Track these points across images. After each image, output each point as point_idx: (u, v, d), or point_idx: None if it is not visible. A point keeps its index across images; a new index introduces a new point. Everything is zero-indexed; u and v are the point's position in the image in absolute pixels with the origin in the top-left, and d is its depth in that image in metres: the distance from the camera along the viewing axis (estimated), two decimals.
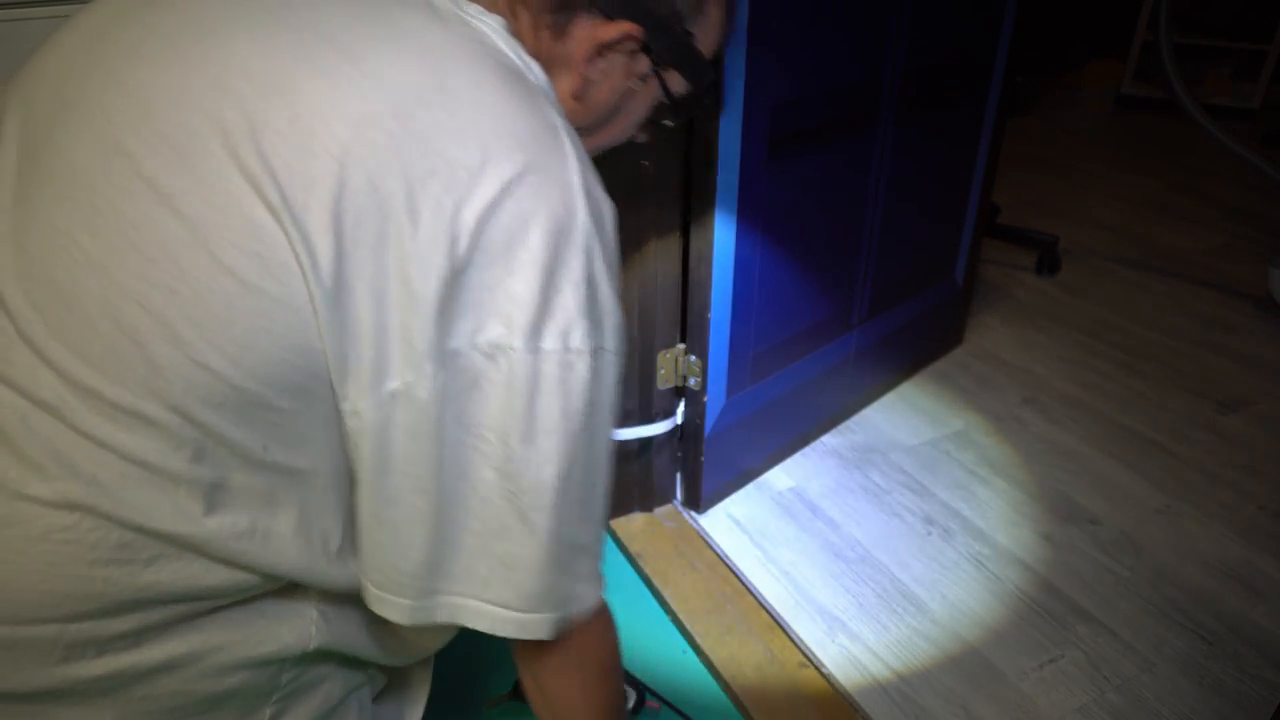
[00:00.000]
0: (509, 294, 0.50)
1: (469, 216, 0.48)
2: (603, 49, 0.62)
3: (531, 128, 0.52)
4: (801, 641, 1.14)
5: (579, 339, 0.52)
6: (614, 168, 0.77)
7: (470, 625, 0.56)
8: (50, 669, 0.49)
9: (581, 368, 0.52)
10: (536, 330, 0.50)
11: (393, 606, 0.55)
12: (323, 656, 0.62)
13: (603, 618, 0.63)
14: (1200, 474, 1.48)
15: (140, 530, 0.49)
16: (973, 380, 1.77)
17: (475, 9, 0.57)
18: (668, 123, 0.72)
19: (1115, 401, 1.69)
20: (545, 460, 0.52)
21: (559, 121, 0.55)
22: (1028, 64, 3.65)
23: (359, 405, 0.50)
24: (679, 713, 1.05)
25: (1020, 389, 1.74)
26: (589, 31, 0.61)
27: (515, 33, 0.59)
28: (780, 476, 1.47)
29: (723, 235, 1.14)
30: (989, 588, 1.24)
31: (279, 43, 0.50)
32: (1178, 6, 3.40)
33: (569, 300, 0.51)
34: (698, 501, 1.37)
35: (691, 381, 1.27)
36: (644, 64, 0.65)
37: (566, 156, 0.53)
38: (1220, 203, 2.78)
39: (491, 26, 0.56)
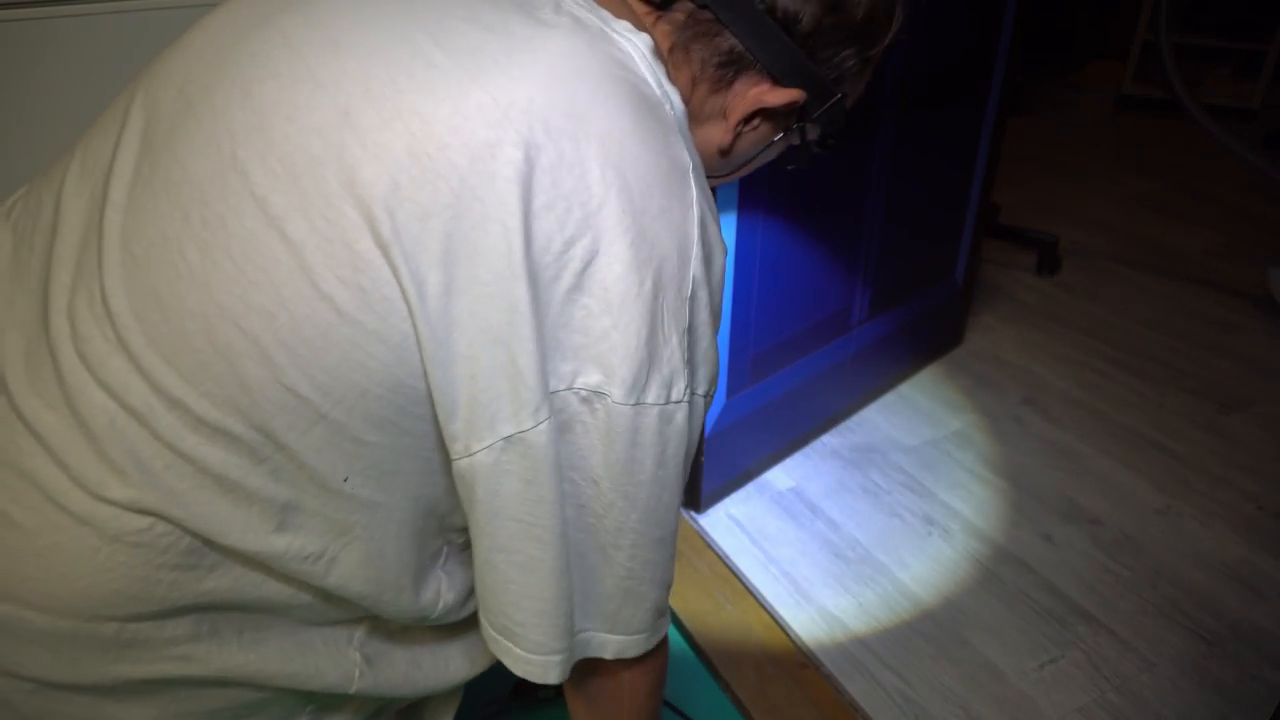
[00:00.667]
0: (612, 343, 0.48)
1: (578, 257, 0.47)
2: (760, 112, 0.59)
3: (660, 169, 0.49)
4: (801, 641, 1.14)
5: (679, 391, 0.51)
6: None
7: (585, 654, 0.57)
8: (106, 665, 0.50)
9: (680, 418, 0.51)
10: (639, 383, 0.49)
11: (506, 652, 0.55)
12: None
13: (660, 655, 0.62)
14: (1200, 474, 1.48)
15: (209, 542, 0.49)
16: (973, 380, 1.77)
17: (623, 26, 0.53)
18: (790, 167, 0.69)
19: (1115, 401, 1.69)
20: (632, 506, 0.52)
21: (689, 162, 0.52)
22: (1028, 64, 3.64)
23: (472, 446, 0.48)
24: (679, 713, 1.05)
25: (1020, 389, 1.74)
26: (753, 92, 0.57)
27: (661, 56, 0.55)
28: (780, 476, 1.47)
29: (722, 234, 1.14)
30: (989, 588, 1.24)
31: (410, 68, 0.48)
32: (1178, 6, 3.40)
33: (675, 353, 0.50)
34: (698, 501, 1.37)
35: None
36: (791, 121, 0.62)
37: (691, 204, 0.50)
38: (1220, 203, 2.78)
39: (636, 47, 0.52)
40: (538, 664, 0.54)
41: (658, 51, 0.54)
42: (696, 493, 1.36)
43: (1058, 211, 2.69)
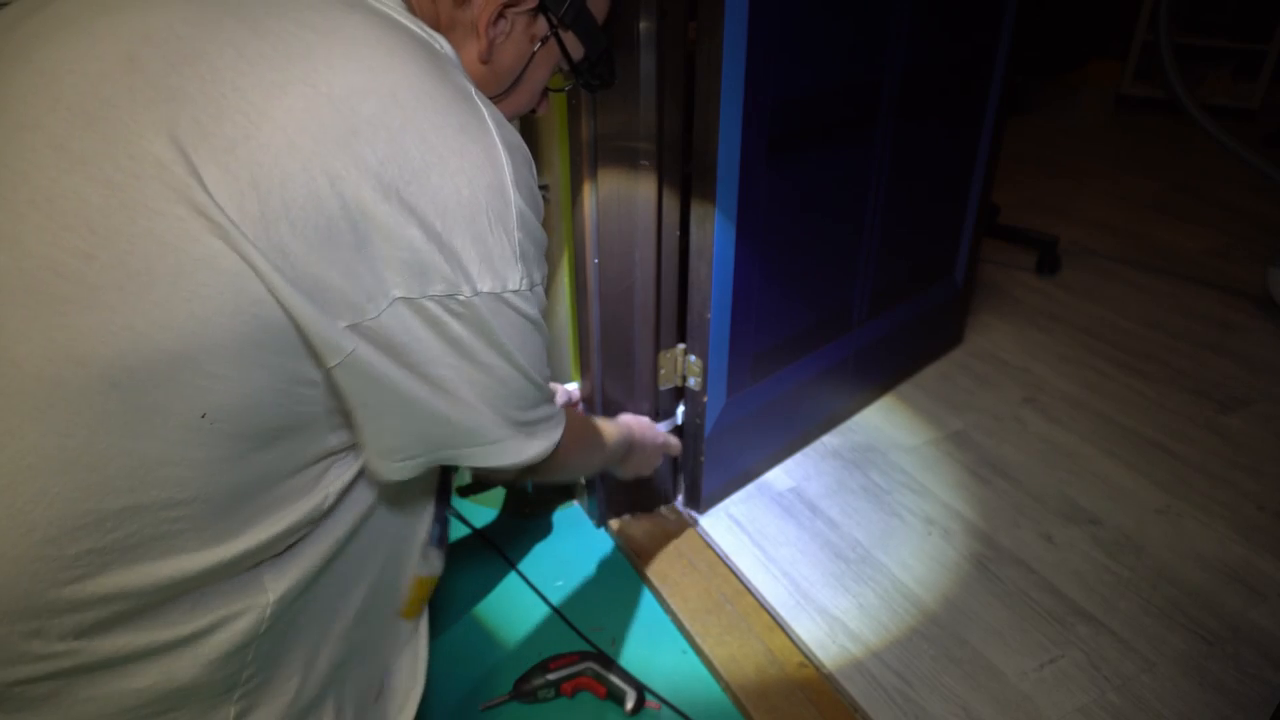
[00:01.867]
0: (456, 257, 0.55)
1: (422, 199, 0.53)
2: (504, 10, 0.65)
3: (454, 106, 0.55)
4: (801, 641, 1.14)
5: (515, 282, 0.58)
6: (613, 167, 0.78)
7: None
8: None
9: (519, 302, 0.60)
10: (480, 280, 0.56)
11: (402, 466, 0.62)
12: (284, 651, 0.62)
13: (569, 435, 0.74)
14: (1200, 474, 1.48)
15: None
16: (973, 380, 1.77)
17: None
18: (564, 89, 0.76)
19: (1115, 401, 1.69)
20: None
21: (470, 88, 0.58)
22: (1028, 64, 3.64)
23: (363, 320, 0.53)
24: (679, 713, 1.05)
25: (1020, 389, 1.74)
26: None
27: (414, 8, 0.62)
28: (780, 476, 1.47)
29: (723, 235, 1.14)
30: (989, 588, 1.24)
31: (185, 14, 0.51)
32: (1178, 6, 3.39)
33: (505, 247, 0.57)
34: (698, 501, 1.37)
35: (691, 382, 1.27)
36: (542, 26, 0.68)
37: (482, 116, 0.57)
38: (1220, 203, 2.78)
39: (392, 7, 0.59)
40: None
41: (411, 7, 0.62)
42: (697, 493, 1.36)
43: (1058, 211, 2.69)
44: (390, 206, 0.51)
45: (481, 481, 1.44)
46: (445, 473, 0.80)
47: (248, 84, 0.49)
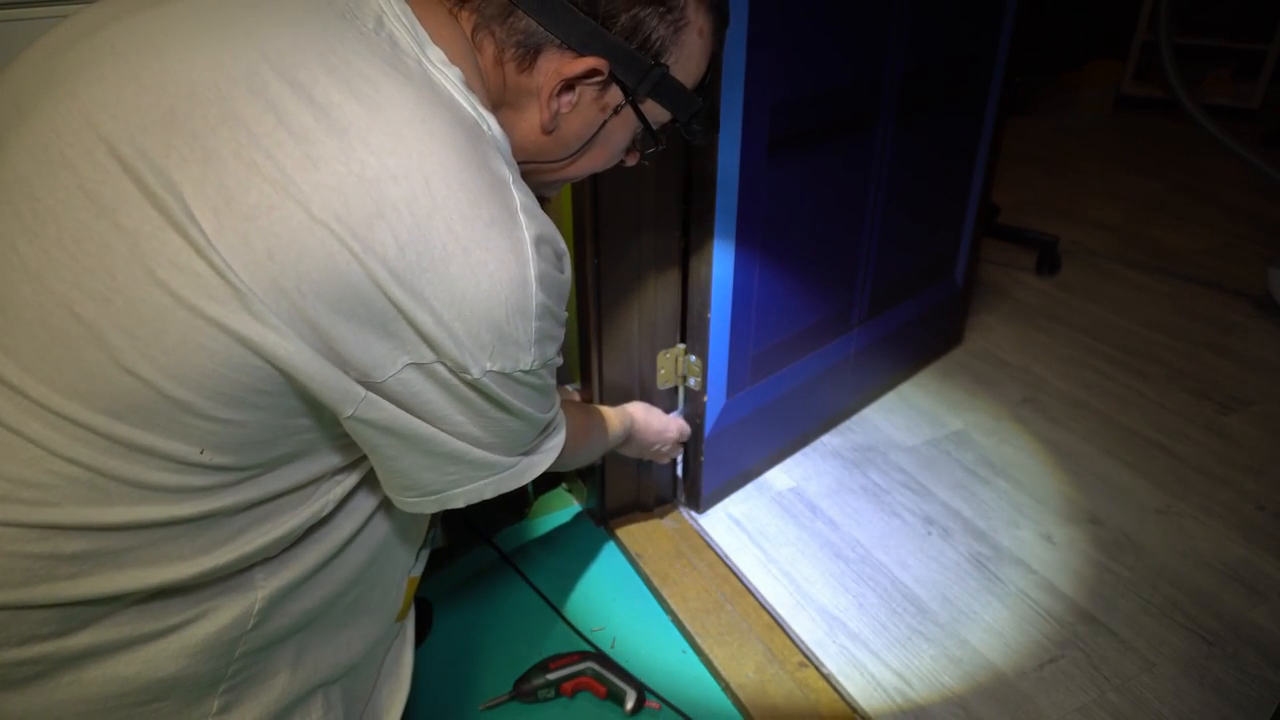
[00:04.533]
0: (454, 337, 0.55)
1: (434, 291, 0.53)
2: (569, 83, 0.62)
3: (486, 198, 0.54)
4: (801, 641, 1.14)
5: (527, 364, 0.58)
6: (613, 167, 0.78)
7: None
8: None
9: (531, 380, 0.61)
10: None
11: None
12: (272, 648, 0.63)
13: (570, 435, 0.76)
14: (1200, 474, 1.48)
15: (61, 527, 0.51)
16: (973, 380, 1.77)
17: (438, 55, 0.57)
18: (656, 149, 0.72)
19: (1115, 401, 1.69)
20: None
21: (508, 176, 0.57)
22: (1028, 64, 3.64)
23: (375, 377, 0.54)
24: (679, 713, 1.05)
25: (1020, 389, 1.74)
26: (555, 66, 0.61)
27: (471, 84, 0.60)
28: (780, 476, 1.47)
29: (723, 235, 1.14)
30: (989, 588, 1.24)
31: (233, 72, 0.51)
32: (1178, 6, 3.39)
33: (521, 337, 0.57)
34: (698, 501, 1.37)
35: (691, 381, 1.27)
36: (617, 96, 0.65)
37: (515, 210, 0.56)
38: (1220, 203, 2.78)
39: (451, 80, 0.57)
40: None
41: (469, 83, 0.59)
42: (697, 493, 1.36)
43: (1058, 211, 2.69)
44: (403, 291, 0.51)
45: None
46: None
47: (282, 154, 0.49)
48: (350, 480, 0.64)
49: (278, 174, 0.49)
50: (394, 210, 0.50)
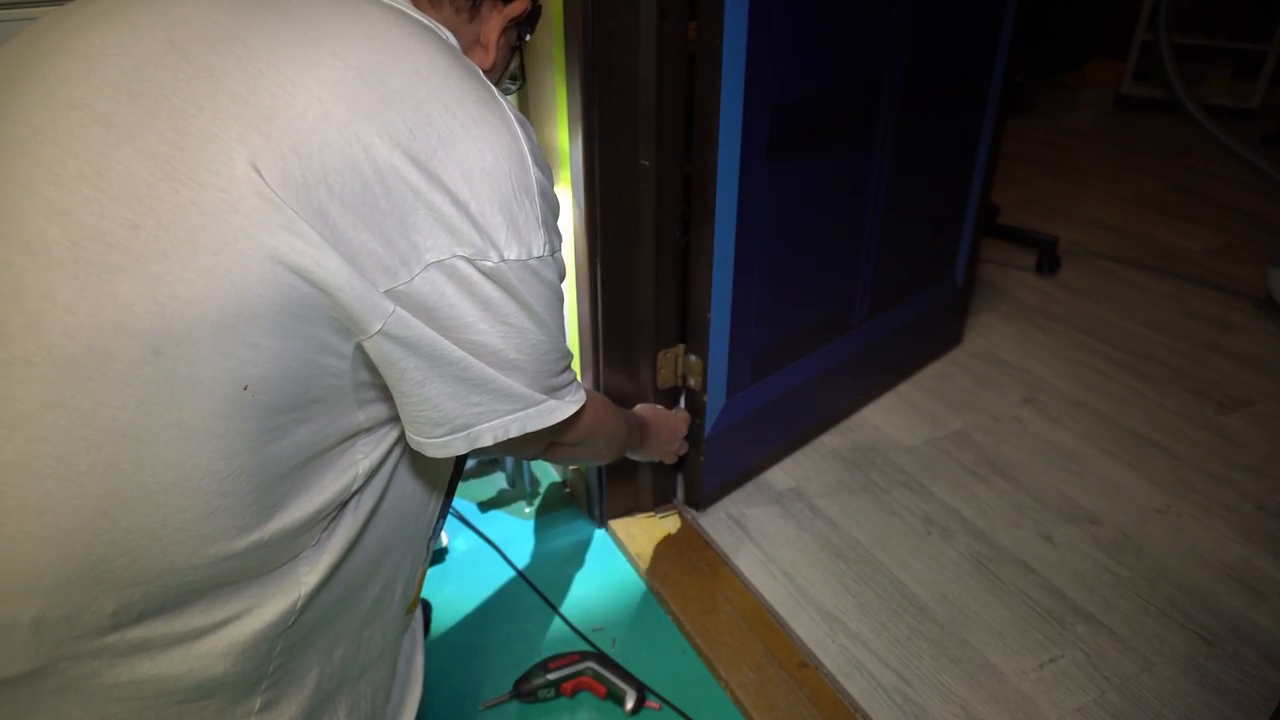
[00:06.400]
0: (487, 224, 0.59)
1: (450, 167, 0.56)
2: (510, 24, 0.73)
3: (470, 82, 0.60)
4: (801, 641, 1.14)
5: (539, 249, 0.62)
6: (614, 166, 0.80)
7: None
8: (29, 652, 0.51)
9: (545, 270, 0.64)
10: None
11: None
12: (307, 644, 0.63)
13: (590, 407, 0.79)
14: (1200, 474, 1.48)
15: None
16: (972, 380, 1.77)
17: None
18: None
19: (1115, 401, 1.69)
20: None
21: (479, 70, 0.63)
22: (1028, 64, 3.64)
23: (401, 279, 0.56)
24: (679, 712, 1.05)
25: (1020, 389, 1.74)
26: (498, 11, 0.72)
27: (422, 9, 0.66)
28: (780, 476, 1.47)
29: (723, 235, 1.14)
30: (989, 588, 1.24)
31: (220, 4, 0.55)
32: (1178, 6, 3.39)
33: (530, 215, 0.61)
34: (698, 501, 1.37)
35: (691, 382, 1.27)
36: (524, 29, 0.77)
37: (498, 99, 0.61)
38: (1220, 203, 2.78)
39: (404, 6, 0.63)
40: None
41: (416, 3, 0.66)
42: (697, 492, 1.36)
43: (1058, 211, 2.69)
44: (419, 172, 0.54)
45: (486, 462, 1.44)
46: (457, 466, 0.80)
47: (281, 60, 0.52)
48: (376, 450, 0.64)
49: (282, 77, 0.52)
50: (397, 96, 0.54)
